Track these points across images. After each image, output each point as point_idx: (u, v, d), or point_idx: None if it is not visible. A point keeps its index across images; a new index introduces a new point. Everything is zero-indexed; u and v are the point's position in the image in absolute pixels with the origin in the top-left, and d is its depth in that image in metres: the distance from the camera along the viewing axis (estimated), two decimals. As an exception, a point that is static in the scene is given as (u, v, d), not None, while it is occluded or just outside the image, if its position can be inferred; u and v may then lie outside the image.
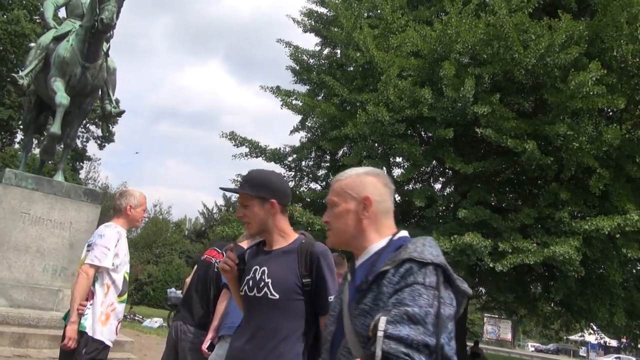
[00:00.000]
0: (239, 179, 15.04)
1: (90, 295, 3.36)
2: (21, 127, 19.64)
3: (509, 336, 55.73)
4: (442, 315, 1.33)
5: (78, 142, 28.59)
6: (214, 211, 35.33)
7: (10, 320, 6.45)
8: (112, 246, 3.40)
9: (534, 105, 12.54)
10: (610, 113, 13.32)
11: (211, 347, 3.12)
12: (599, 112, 11.75)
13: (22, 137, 16.10)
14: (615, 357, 42.39)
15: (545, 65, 10.65)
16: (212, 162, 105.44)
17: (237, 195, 2.25)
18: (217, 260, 3.49)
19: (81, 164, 29.71)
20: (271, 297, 1.98)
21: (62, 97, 7.38)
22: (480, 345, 21.31)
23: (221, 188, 2.25)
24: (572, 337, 46.86)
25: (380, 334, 1.27)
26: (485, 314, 49.38)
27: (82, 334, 3.30)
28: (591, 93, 10.17)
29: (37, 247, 7.06)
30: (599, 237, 10.89)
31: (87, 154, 29.76)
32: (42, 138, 13.06)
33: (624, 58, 10.59)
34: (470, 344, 18.36)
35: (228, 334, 2.93)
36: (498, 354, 34.64)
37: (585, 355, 53.09)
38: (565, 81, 10.57)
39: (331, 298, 1.99)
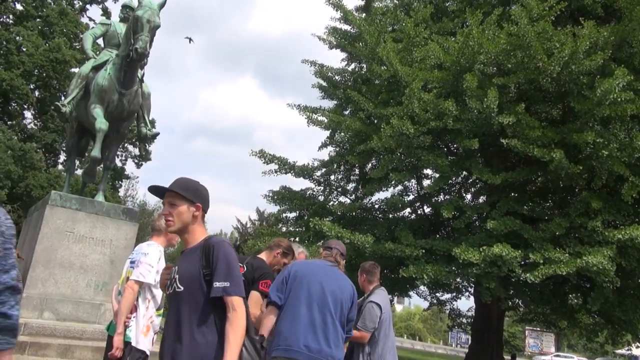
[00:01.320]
0: (270, 194, 15.42)
1: (133, 308, 3.65)
2: (64, 149, 20.68)
3: (552, 349, 53.76)
4: None
5: (117, 161, 29.71)
6: (248, 225, 35.85)
7: (57, 332, 6.89)
8: (155, 263, 3.68)
9: (561, 113, 12.43)
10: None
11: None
12: (631, 118, 11.54)
13: (65, 160, 16.98)
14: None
15: (570, 72, 10.60)
16: (244, 177, 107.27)
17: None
18: None
19: (120, 182, 30.79)
20: (178, 290, 2.18)
21: (101, 123, 7.87)
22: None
23: (151, 187, 2.38)
24: (619, 351, 44.83)
25: None
26: (527, 327, 47.85)
27: (126, 344, 3.60)
28: (619, 99, 10.03)
29: (81, 264, 7.51)
30: (635, 246, 10.64)
31: (125, 172, 30.87)
32: (83, 159, 13.76)
33: (653, 62, 10.44)
34: (507, 357, 17.95)
35: (283, 355, 2.98)
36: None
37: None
38: (592, 88, 10.48)
39: (216, 284, 2.12)
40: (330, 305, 3.14)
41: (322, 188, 15.73)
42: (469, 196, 16.78)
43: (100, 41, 9.69)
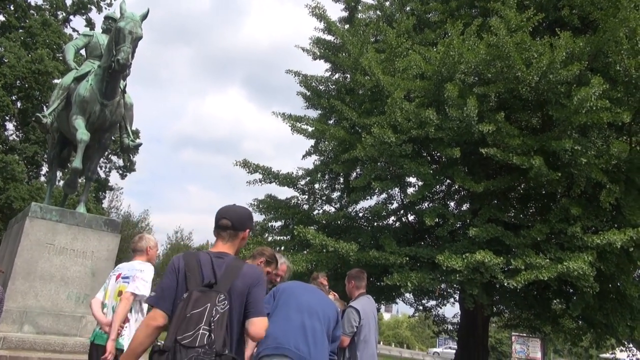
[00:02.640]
0: (255, 203, 15.41)
1: (125, 319, 3.95)
2: (46, 161, 20.45)
3: (538, 355, 54.03)
4: None
5: (101, 172, 29.44)
6: (234, 236, 35.69)
7: (37, 346, 6.80)
8: (149, 279, 4.05)
9: (540, 121, 12.69)
10: (620, 124, 13.37)
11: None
12: (608, 126, 11.83)
13: (47, 171, 16.79)
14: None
15: (548, 81, 10.84)
16: (233, 187, 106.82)
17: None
18: None
19: (104, 193, 30.50)
20: None
21: (82, 134, 7.84)
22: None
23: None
24: (603, 355, 45.27)
25: None
26: (513, 333, 48.14)
27: (119, 350, 3.84)
28: (595, 108, 10.29)
29: (61, 276, 7.43)
30: (613, 251, 10.85)
31: (109, 184, 30.58)
32: (65, 171, 13.63)
33: (627, 72, 10.72)
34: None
35: (273, 353, 3.00)
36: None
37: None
38: (569, 97, 10.73)
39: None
40: (320, 314, 3.22)
41: (306, 197, 15.77)
42: (452, 204, 16.95)
43: (83, 52, 9.68)
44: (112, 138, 9.30)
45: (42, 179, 24.30)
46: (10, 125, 25.13)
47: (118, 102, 8.41)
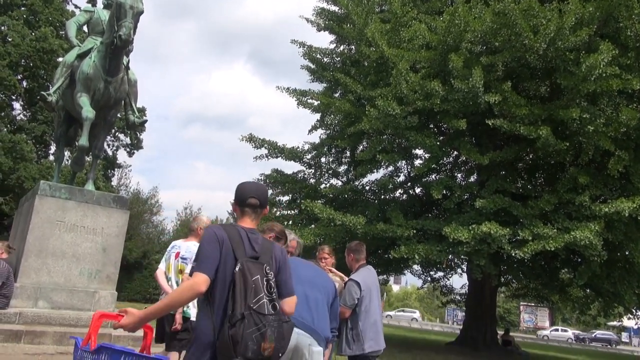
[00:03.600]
0: (262, 177, 15.46)
1: None
2: (54, 140, 20.58)
3: (546, 324, 54.62)
4: None
5: (109, 150, 29.63)
6: (242, 211, 35.92)
7: (52, 320, 6.99)
8: None
9: (549, 90, 12.50)
10: (630, 92, 13.13)
11: None
12: (618, 93, 11.62)
13: (55, 150, 16.93)
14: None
15: (556, 49, 10.63)
16: (239, 162, 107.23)
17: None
18: None
19: (112, 171, 30.74)
20: None
21: (87, 112, 7.85)
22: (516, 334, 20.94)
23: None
24: (611, 323, 45.64)
25: None
26: (521, 303, 48.58)
27: (185, 319, 4.31)
28: (604, 75, 10.09)
29: (73, 253, 7.57)
30: (621, 220, 10.81)
31: (117, 161, 30.77)
32: (72, 149, 13.74)
33: (638, 37, 10.47)
34: (500, 332, 18.29)
35: None
36: (536, 342, 34.06)
37: (627, 341, 51.66)
38: (578, 64, 10.53)
39: None
40: (320, 287, 3.27)
41: (312, 171, 15.79)
42: (460, 175, 16.90)
43: (85, 29, 9.60)
44: (118, 115, 9.31)
45: (51, 158, 24.48)
46: (17, 105, 25.23)
47: (122, 78, 8.38)
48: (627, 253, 12.34)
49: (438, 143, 12.69)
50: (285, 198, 16.19)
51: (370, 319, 4.01)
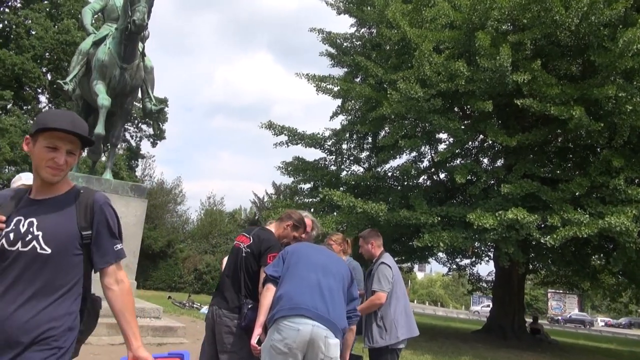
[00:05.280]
0: (283, 165, 15.26)
1: None
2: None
3: (575, 312, 53.55)
4: None
5: (132, 141, 29.94)
6: (265, 200, 35.97)
7: (72, 310, 6.98)
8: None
9: (581, 68, 11.90)
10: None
11: (259, 343, 2.99)
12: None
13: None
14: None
15: (589, 24, 10.05)
16: (263, 151, 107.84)
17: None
18: (245, 245, 3.56)
19: (136, 162, 31.09)
20: (41, 251, 1.74)
21: (103, 99, 7.76)
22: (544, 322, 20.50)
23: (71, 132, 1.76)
24: (643, 310, 44.44)
25: None
26: (549, 290, 47.65)
27: None
28: (642, 50, 9.51)
29: (92, 242, 7.53)
30: (659, 204, 10.25)
31: (141, 152, 31.08)
32: (92, 138, 13.77)
33: (679, 9, 9.82)
34: (529, 320, 17.85)
35: (289, 314, 2.81)
36: (566, 331, 33.23)
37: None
38: (614, 39, 9.94)
39: (118, 247, 1.96)
40: (334, 273, 3.06)
41: (333, 157, 15.53)
42: (486, 160, 16.40)
43: (101, 16, 9.50)
44: (134, 103, 9.20)
45: (76, 149, 24.79)
46: (43, 98, 25.63)
47: (137, 65, 8.25)
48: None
49: (463, 127, 12.25)
50: (307, 186, 16.00)
51: (401, 306, 3.85)
